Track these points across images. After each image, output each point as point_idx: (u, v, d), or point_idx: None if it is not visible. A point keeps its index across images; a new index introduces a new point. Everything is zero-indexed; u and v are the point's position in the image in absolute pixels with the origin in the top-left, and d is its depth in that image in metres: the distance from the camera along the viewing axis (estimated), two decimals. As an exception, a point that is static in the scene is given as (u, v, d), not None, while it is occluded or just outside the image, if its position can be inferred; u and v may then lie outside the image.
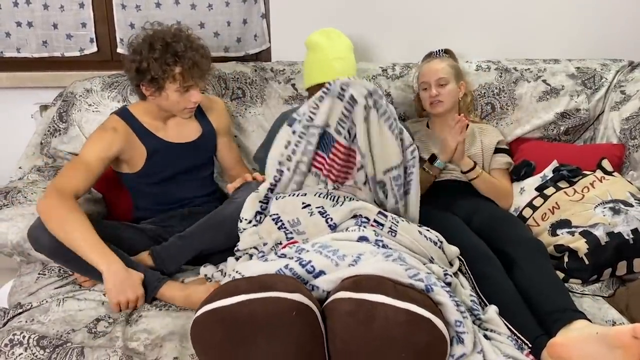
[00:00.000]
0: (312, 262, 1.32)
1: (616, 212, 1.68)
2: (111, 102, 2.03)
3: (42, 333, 1.34)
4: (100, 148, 1.66)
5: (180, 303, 1.49)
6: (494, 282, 1.46)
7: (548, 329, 1.32)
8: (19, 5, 2.23)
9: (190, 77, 1.64)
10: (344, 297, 1.17)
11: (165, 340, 1.34)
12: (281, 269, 1.32)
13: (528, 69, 2.20)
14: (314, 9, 2.26)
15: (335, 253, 1.35)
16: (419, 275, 1.27)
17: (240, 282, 1.22)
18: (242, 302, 1.13)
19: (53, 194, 1.53)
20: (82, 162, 1.64)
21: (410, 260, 1.35)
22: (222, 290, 1.19)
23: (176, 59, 1.62)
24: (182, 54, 1.62)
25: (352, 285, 1.19)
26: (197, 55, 1.65)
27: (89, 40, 2.29)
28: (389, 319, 1.12)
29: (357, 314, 1.14)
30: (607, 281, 1.64)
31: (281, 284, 1.17)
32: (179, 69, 1.63)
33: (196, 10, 2.26)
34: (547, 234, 1.74)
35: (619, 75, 2.19)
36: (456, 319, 1.23)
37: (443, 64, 1.99)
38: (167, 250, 1.64)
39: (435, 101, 1.96)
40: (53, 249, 1.50)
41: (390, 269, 1.26)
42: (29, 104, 2.26)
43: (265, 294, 1.14)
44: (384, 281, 1.20)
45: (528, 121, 2.17)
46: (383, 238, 1.42)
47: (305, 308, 1.15)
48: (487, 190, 1.91)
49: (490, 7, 2.28)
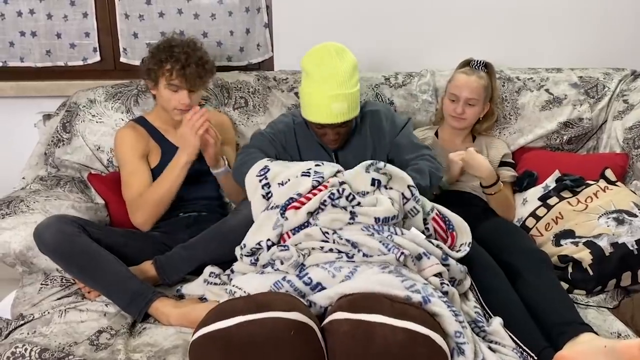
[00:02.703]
0: (309, 274, 1.33)
1: (620, 222, 1.67)
2: (115, 112, 2.04)
3: (44, 345, 1.34)
4: (130, 146, 1.85)
5: (176, 320, 1.47)
6: (499, 293, 1.46)
7: (554, 342, 1.32)
8: (23, 15, 2.24)
9: (176, 77, 1.77)
10: (341, 317, 1.17)
11: (169, 354, 1.33)
12: (279, 281, 1.32)
13: (531, 78, 2.20)
14: (316, 18, 2.27)
15: (332, 264, 1.35)
16: (416, 286, 1.27)
17: (237, 302, 1.22)
18: (240, 324, 1.13)
19: (130, 205, 1.81)
20: (130, 167, 1.83)
21: (406, 272, 1.34)
22: (218, 311, 1.19)
23: (168, 56, 1.77)
24: (176, 55, 1.77)
25: (348, 305, 1.18)
26: (191, 60, 1.78)
27: (92, 50, 2.30)
28: (388, 338, 1.12)
29: (355, 335, 1.13)
30: (612, 292, 1.64)
31: (278, 303, 1.17)
32: (168, 67, 1.77)
33: (199, 19, 2.27)
34: (551, 244, 1.74)
35: (622, 84, 2.18)
36: (455, 330, 1.22)
37: (479, 84, 1.96)
38: (170, 260, 1.64)
39: (458, 118, 1.97)
40: (56, 247, 1.53)
41: (386, 281, 1.26)
42: (32, 113, 2.26)
43: (263, 315, 1.13)
44: (381, 299, 1.19)
45: (531, 130, 2.17)
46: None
47: (303, 326, 1.15)
48: (499, 204, 1.92)
49: (492, 17, 2.28)
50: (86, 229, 1.59)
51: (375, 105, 1.90)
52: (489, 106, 2.03)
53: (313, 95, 1.64)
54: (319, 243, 1.42)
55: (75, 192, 1.92)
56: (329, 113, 1.63)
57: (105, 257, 1.55)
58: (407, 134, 1.83)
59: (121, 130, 1.91)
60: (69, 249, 1.52)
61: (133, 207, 1.80)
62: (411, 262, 1.38)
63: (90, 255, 1.53)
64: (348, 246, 1.40)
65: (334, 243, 1.42)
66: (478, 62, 2.01)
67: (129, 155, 1.84)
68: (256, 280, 1.37)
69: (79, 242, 1.54)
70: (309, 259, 1.40)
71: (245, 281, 1.39)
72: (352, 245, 1.40)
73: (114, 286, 1.52)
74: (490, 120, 2.08)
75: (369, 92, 2.17)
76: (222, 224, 1.65)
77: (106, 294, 1.54)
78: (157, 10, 2.25)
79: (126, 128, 1.91)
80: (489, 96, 2.02)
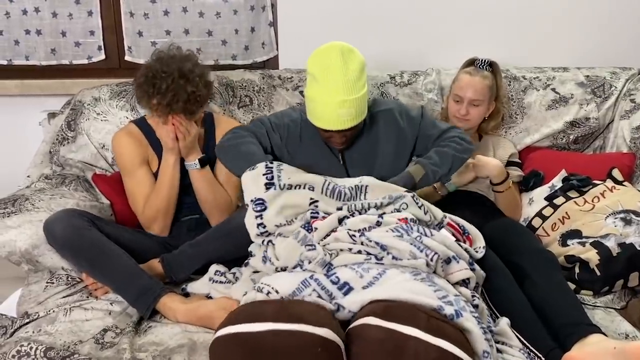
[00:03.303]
0: (336, 273, 1.31)
1: (627, 222, 1.66)
2: (119, 111, 2.03)
3: (49, 344, 1.33)
4: (129, 154, 1.82)
5: (183, 316, 1.46)
6: (506, 294, 1.45)
7: (562, 343, 1.31)
8: (28, 13, 2.24)
9: (162, 113, 1.72)
10: (373, 323, 1.13)
11: (174, 353, 1.32)
12: (307, 279, 1.31)
13: (537, 77, 2.19)
14: (322, 16, 2.26)
15: (360, 265, 1.33)
16: (448, 297, 1.24)
17: (268, 306, 1.19)
18: (268, 332, 1.10)
19: (142, 219, 1.81)
20: (133, 179, 1.81)
21: (438, 280, 1.32)
22: (247, 312, 1.16)
23: (154, 92, 1.69)
24: (162, 92, 1.68)
25: (383, 312, 1.15)
26: (179, 97, 1.68)
27: (97, 48, 2.30)
28: (419, 354, 1.08)
29: (386, 344, 1.10)
30: (619, 292, 1.62)
31: (311, 317, 1.14)
32: (156, 101, 1.71)
33: (204, 18, 2.26)
34: (558, 244, 1.73)
35: (629, 83, 2.17)
36: (484, 349, 1.19)
37: (483, 84, 1.94)
38: (177, 258, 1.64)
39: (462, 119, 1.95)
40: (66, 240, 1.54)
41: (419, 289, 1.23)
42: (37, 111, 2.26)
43: (293, 326, 1.10)
44: (417, 312, 1.15)
45: (537, 130, 2.16)
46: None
47: (331, 344, 1.11)
48: (507, 203, 1.91)
49: (498, 15, 2.28)
50: (95, 223, 1.60)
51: (385, 103, 1.83)
52: (494, 105, 2.02)
53: (318, 101, 1.58)
54: (347, 245, 1.41)
55: (80, 191, 1.92)
56: (336, 119, 1.57)
57: (115, 251, 1.55)
58: (428, 123, 1.77)
59: (117, 135, 1.86)
60: (79, 242, 1.54)
61: (146, 222, 1.81)
62: (440, 268, 1.36)
63: (99, 248, 1.54)
64: (377, 248, 1.38)
65: (362, 245, 1.40)
66: (482, 61, 1.99)
67: (130, 165, 1.81)
68: (285, 278, 1.35)
69: (89, 235, 1.55)
70: (337, 259, 1.39)
71: (273, 279, 1.37)
72: (381, 247, 1.38)
73: (122, 280, 1.52)
74: (497, 119, 2.06)
75: (375, 90, 2.16)
76: (228, 222, 1.65)
77: (114, 288, 1.54)
78: (162, 8, 2.25)
79: (122, 133, 1.86)
80: (494, 95, 2.01)
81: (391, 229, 1.42)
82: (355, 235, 1.41)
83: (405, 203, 1.54)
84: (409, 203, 1.54)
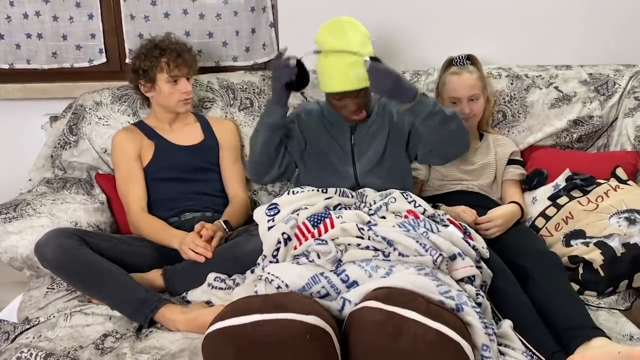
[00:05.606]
0: (346, 271, 1.33)
1: (632, 222, 1.65)
2: (121, 115, 2.04)
3: (49, 350, 1.34)
4: (121, 148, 1.88)
5: (183, 326, 1.46)
6: (509, 296, 1.44)
7: (565, 346, 1.30)
8: (29, 17, 2.24)
9: (175, 66, 1.84)
10: (373, 306, 1.15)
11: (176, 357, 1.32)
12: (317, 276, 1.32)
13: (540, 75, 2.17)
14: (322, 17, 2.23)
15: (369, 263, 1.34)
16: (450, 292, 1.25)
17: (254, 299, 1.21)
18: (255, 323, 1.11)
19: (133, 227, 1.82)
20: (122, 172, 1.87)
21: (442, 276, 1.33)
22: (235, 307, 1.18)
23: (161, 51, 1.85)
24: (165, 47, 1.86)
25: (383, 296, 1.17)
26: (178, 47, 1.88)
27: (98, 51, 2.30)
28: (417, 336, 1.10)
29: (385, 326, 1.12)
30: (624, 293, 1.61)
31: (297, 305, 1.15)
32: (165, 59, 1.84)
33: (205, 19, 2.26)
34: (561, 245, 1.72)
35: (633, 81, 2.15)
36: (483, 343, 1.20)
37: (474, 79, 1.93)
38: (180, 274, 1.64)
39: (467, 117, 1.93)
40: (57, 263, 1.52)
41: (422, 283, 1.24)
42: (39, 115, 2.26)
43: (279, 315, 1.12)
44: (417, 298, 1.18)
45: (540, 129, 2.14)
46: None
47: (320, 331, 1.13)
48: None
49: (501, 14, 2.26)
50: (86, 241, 1.57)
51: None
52: (486, 93, 2.01)
53: (329, 66, 1.67)
54: (355, 239, 1.42)
55: (82, 194, 1.93)
56: (347, 80, 1.64)
57: (108, 267, 1.54)
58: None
59: (115, 134, 1.94)
60: (70, 263, 1.52)
61: (133, 227, 1.83)
62: (444, 266, 1.37)
63: (92, 267, 1.53)
64: (384, 243, 1.39)
65: (370, 240, 1.41)
66: (461, 58, 1.98)
67: (121, 161, 1.88)
68: (294, 270, 1.35)
69: (79, 255, 1.53)
70: (345, 255, 1.40)
71: (282, 270, 1.36)
72: (387, 242, 1.39)
73: (118, 297, 1.51)
74: (489, 108, 2.05)
75: (376, 91, 2.15)
76: (235, 247, 1.63)
77: (111, 305, 1.53)
78: (162, 10, 2.24)
79: (120, 131, 1.94)
80: (484, 84, 2.00)
81: (398, 224, 1.44)
82: (364, 229, 1.42)
83: (393, 197, 1.58)
84: (397, 197, 1.58)
